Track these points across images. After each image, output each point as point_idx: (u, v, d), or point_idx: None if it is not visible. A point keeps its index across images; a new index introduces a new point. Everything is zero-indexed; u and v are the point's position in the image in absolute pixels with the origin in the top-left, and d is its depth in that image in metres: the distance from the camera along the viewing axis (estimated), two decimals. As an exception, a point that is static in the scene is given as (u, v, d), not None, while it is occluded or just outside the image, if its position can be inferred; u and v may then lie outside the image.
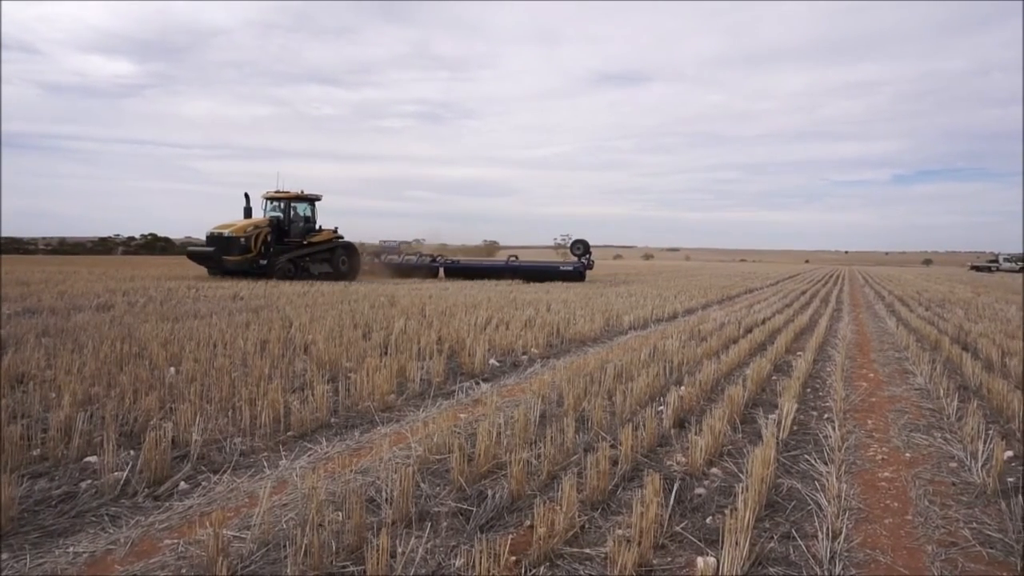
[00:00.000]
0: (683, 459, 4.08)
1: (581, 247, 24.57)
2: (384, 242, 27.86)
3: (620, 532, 3.03)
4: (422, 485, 3.55)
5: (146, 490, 3.47)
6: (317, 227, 23.21)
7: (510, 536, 2.98)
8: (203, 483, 3.63)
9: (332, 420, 4.82)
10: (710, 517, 3.29)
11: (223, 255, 20.53)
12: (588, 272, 24.51)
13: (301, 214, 22.81)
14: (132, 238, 62.44)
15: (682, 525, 3.19)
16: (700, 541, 3.03)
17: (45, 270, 22.14)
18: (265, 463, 3.96)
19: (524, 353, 7.72)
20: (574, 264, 24.28)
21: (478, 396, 5.71)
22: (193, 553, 2.80)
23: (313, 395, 4.99)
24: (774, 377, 6.73)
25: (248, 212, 21.73)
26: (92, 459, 3.80)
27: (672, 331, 9.75)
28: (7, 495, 3.07)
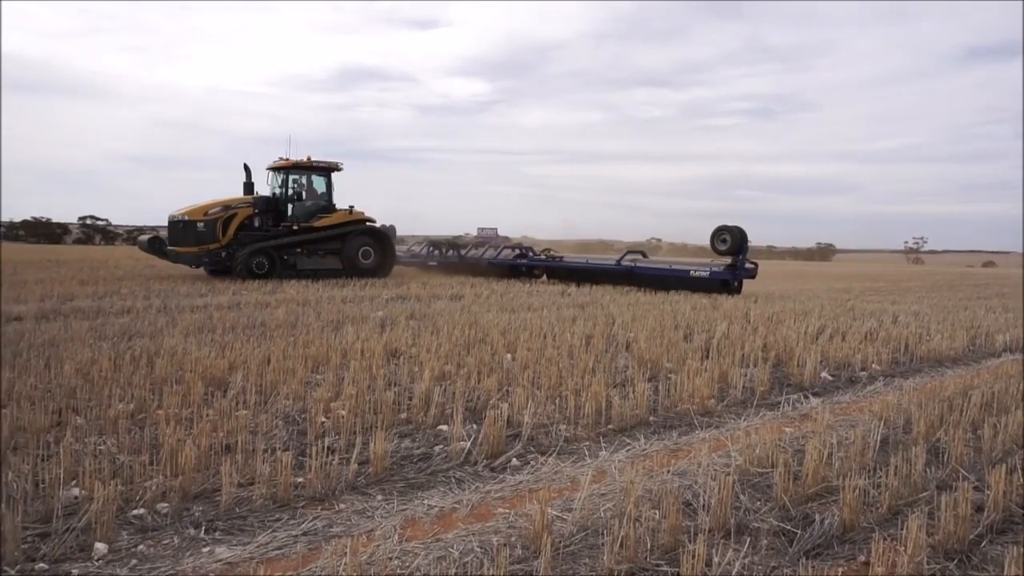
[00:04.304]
0: (1080, 518, 3.28)
1: (727, 238, 14.63)
2: (483, 230, 22.57)
3: (984, 591, 2.55)
4: (741, 497, 3.39)
5: (484, 461, 3.90)
6: (336, 207, 16.96)
7: (840, 569, 2.70)
8: (531, 462, 3.95)
9: (651, 418, 4.87)
10: (1120, 598, 2.59)
11: (174, 245, 15.52)
12: (746, 281, 15.26)
13: (311, 189, 16.85)
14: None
15: (1076, 600, 2.56)
16: (1103, 625, 2.40)
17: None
18: (586, 452, 4.17)
19: (863, 369, 6.93)
20: (712, 269, 15.16)
21: (806, 411, 5.28)
22: (521, 525, 3.06)
23: (634, 392, 5.10)
24: None
25: (249, 188, 16.27)
26: (444, 428, 4.38)
27: (1067, 358, 7.88)
28: (382, 448, 3.70)
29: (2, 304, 9.37)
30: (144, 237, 17.40)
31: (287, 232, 16.09)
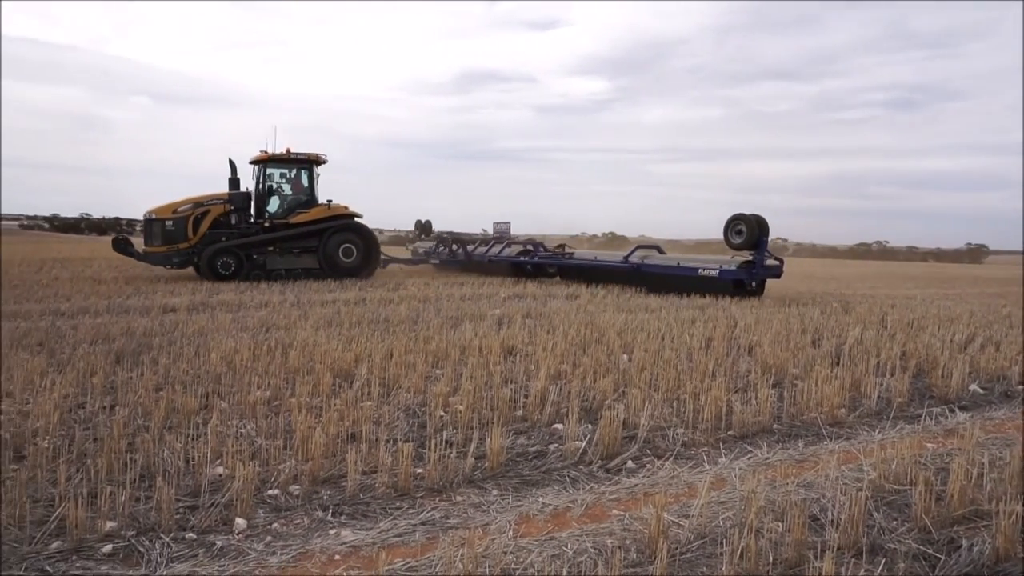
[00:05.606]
0: None
1: (743, 229, 12.35)
2: (497, 224, 20.43)
3: None
4: (875, 514, 3.17)
5: (599, 461, 3.87)
6: (322, 202, 15.77)
7: (991, 600, 2.46)
8: (647, 465, 3.88)
9: (774, 426, 4.65)
10: None
11: (146, 244, 14.82)
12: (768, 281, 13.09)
13: (296, 183, 15.66)
14: (595, 236, 70.23)
15: None
16: None
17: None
18: (704, 457, 4.04)
19: (1021, 383, 6.29)
20: (722, 267, 12.60)
21: (952, 426, 4.85)
22: (636, 528, 3.01)
23: (756, 398, 4.89)
24: None
25: (235, 184, 15.15)
26: (559, 426, 4.39)
27: None
28: (498, 444, 3.76)
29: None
30: (117, 236, 16.83)
31: (260, 230, 15.07)
